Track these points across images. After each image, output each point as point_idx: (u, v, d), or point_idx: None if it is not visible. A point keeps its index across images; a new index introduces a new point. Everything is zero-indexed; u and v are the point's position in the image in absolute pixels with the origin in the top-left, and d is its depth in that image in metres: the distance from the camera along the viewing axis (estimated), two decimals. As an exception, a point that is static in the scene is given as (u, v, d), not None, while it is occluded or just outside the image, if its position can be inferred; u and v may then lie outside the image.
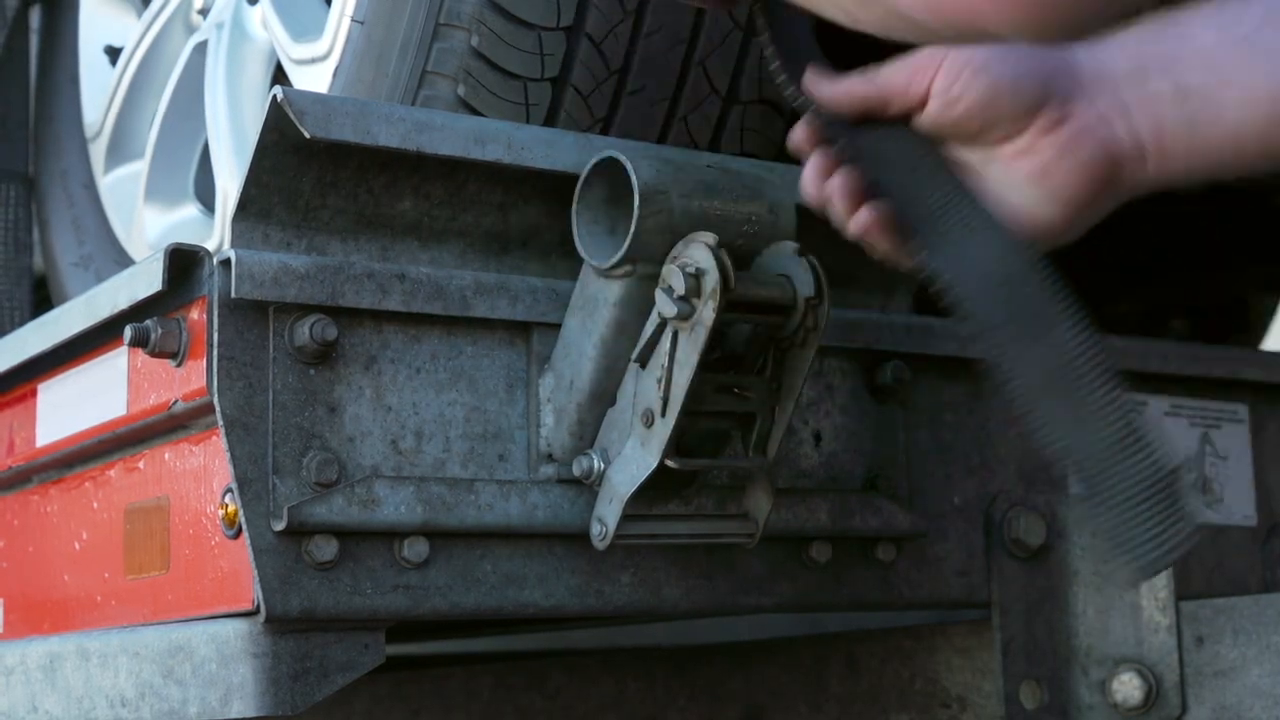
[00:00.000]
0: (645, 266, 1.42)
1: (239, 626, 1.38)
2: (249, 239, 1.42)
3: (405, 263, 1.48)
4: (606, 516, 1.45)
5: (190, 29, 2.19)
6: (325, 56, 1.76)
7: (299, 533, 1.37)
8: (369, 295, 1.41)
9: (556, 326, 1.50)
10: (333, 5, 1.76)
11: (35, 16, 2.49)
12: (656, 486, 1.45)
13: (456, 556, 1.45)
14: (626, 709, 2.05)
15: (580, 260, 1.46)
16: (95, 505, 1.66)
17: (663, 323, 1.42)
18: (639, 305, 1.44)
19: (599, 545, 1.45)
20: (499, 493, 1.46)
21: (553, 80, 1.63)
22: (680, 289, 1.38)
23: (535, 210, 1.53)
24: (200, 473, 1.47)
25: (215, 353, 1.36)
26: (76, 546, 1.69)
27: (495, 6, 1.58)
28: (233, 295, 1.35)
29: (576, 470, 1.48)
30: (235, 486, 1.36)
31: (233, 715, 1.39)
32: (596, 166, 1.46)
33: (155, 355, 1.43)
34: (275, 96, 1.36)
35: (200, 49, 2.11)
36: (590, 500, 1.49)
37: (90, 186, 2.31)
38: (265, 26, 1.96)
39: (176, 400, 1.44)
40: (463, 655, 2.67)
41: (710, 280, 1.38)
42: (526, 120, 1.63)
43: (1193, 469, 2.01)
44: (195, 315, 1.41)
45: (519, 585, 1.48)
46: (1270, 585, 2.02)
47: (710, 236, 1.40)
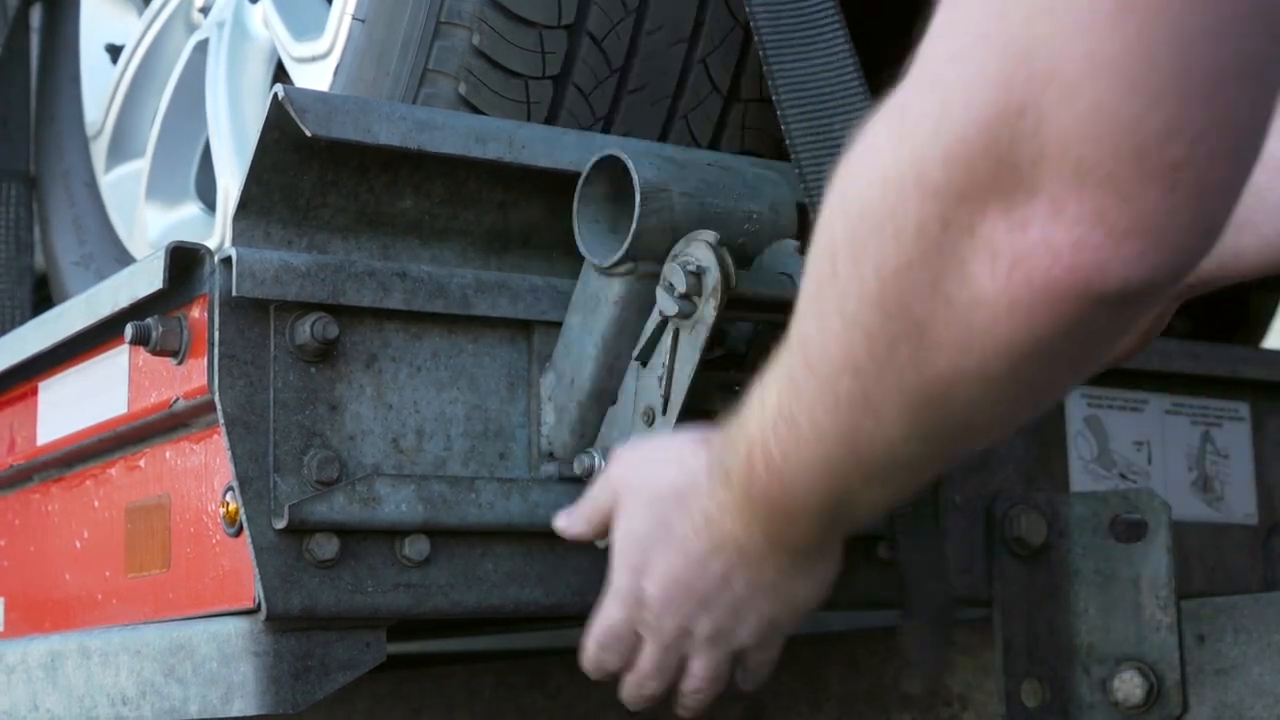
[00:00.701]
0: (646, 265, 1.42)
1: (240, 625, 1.38)
2: (250, 237, 1.42)
3: (406, 261, 1.48)
4: None
5: (191, 27, 2.19)
6: (326, 55, 1.76)
7: (300, 531, 1.37)
8: (370, 293, 1.41)
9: (557, 325, 1.50)
10: (334, 3, 1.76)
11: (36, 15, 2.49)
12: None
13: (458, 555, 1.45)
14: (627, 708, 2.05)
15: (581, 258, 1.46)
16: (96, 504, 1.66)
17: (664, 321, 1.42)
18: (640, 303, 1.44)
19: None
20: (500, 491, 1.46)
21: (554, 78, 1.63)
22: (681, 287, 1.38)
23: (536, 209, 1.53)
24: (201, 471, 1.47)
25: (216, 351, 1.36)
26: (77, 545, 1.69)
27: (496, 5, 1.58)
28: (234, 293, 1.35)
29: (577, 468, 1.48)
30: (236, 485, 1.36)
31: (234, 714, 1.39)
32: (598, 165, 1.46)
33: (156, 353, 1.43)
34: (276, 95, 1.36)
35: (201, 47, 2.11)
36: (591, 498, 1.49)
37: (91, 185, 2.31)
38: (266, 25, 1.96)
39: (177, 398, 1.44)
40: (464, 654, 2.67)
41: (711, 278, 1.38)
42: (528, 118, 1.63)
43: (1194, 468, 2.01)
44: (196, 313, 1.41)
45: (520, 583, 1.48)
46: (1271, 584, 2.02)
47: (711, 234, 1.40)
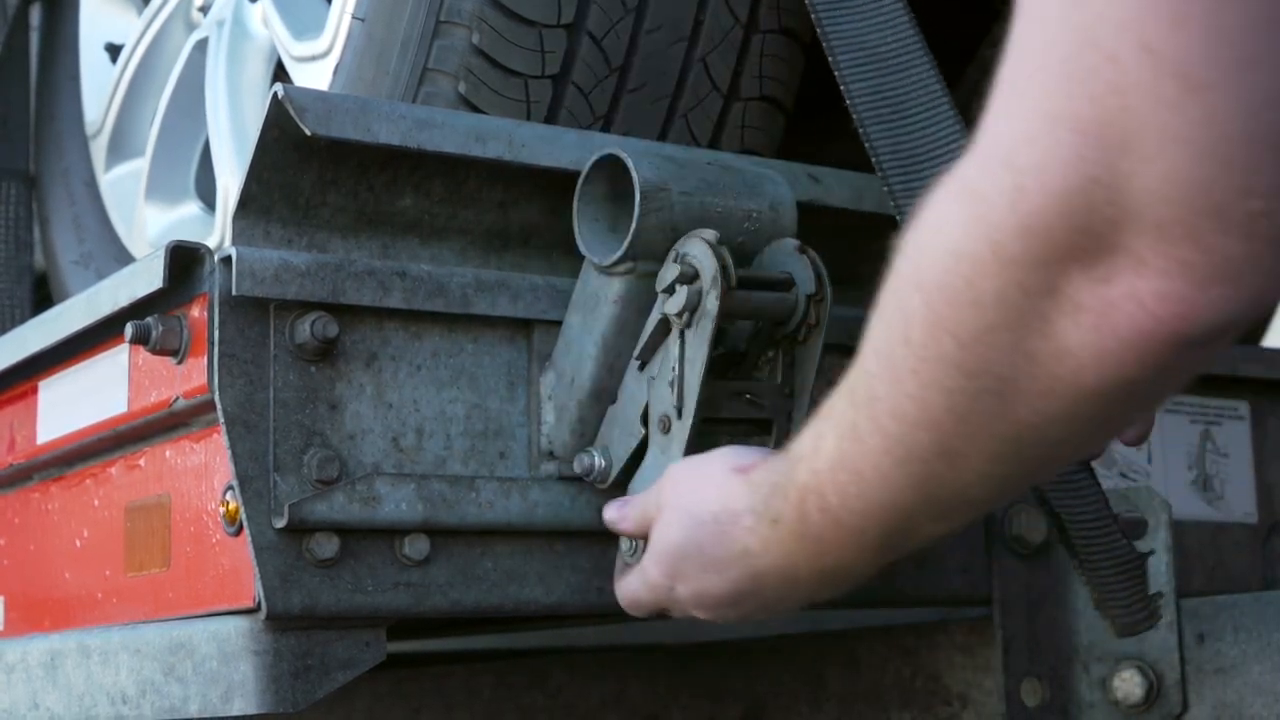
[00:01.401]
0: (646, 264, 1.42)
1: (240, 624, 1.38)
2: (250, 236, 1.42)
3: (406, 260, 1.48)
4: None
5: (191, 26, 2.18)
6: (326, 54, 1.76)
7: (300, 530, 1.37)
8: (370, 293, 1.41)
9: (557, 324, 1.50)
10: (333, 2, 1.76)
11: (36, 14, 2.49)
12: None
13: (457, 554, 1.45)
14: (628, 707, 2.05)
15: (581, 258, 1.46)
16: (96, 503, 1.66)
17: (664, 320, 1.42)
18: (640, 302, 1.44)
19: (631, 560, 1.44)
20: (500, 490, 1.46)
21: (554, 77, 1.63)
22: (681, 287, 1.38)
23: (536, 208, 1.53)
24: (201, 470, 1.47)
25: (216, 350, 1.36)
26: (77, 544, 1.69)
27: (496, 4, 1.58)
28: (234, 292, 1.35)
29: (577, 468, 1.48)
30: (236, 484, 1.36)
31: (234, 712, 1.39)
32: (597, 164, 1.46)
33: (156, 353, 1.43)
34: (276, 94, 1.36)
35: (201, 46, 2.11)
36: (592, 498, 1.49)
37: (91, 184, 2.31)
38: (266, 24, 1.96)
39: (177, 398, 1.44)
40: (464, 653, 2.67)
41: (711, 278, 1.38)
42: (527, 118, 1.63)
43: (1193, 466, 2.01)
44: (196, 313, 1.41)
45: (520, 583, 1.48)
46: (1271, 583, 2.02)
47: (711, 234, 1.40)
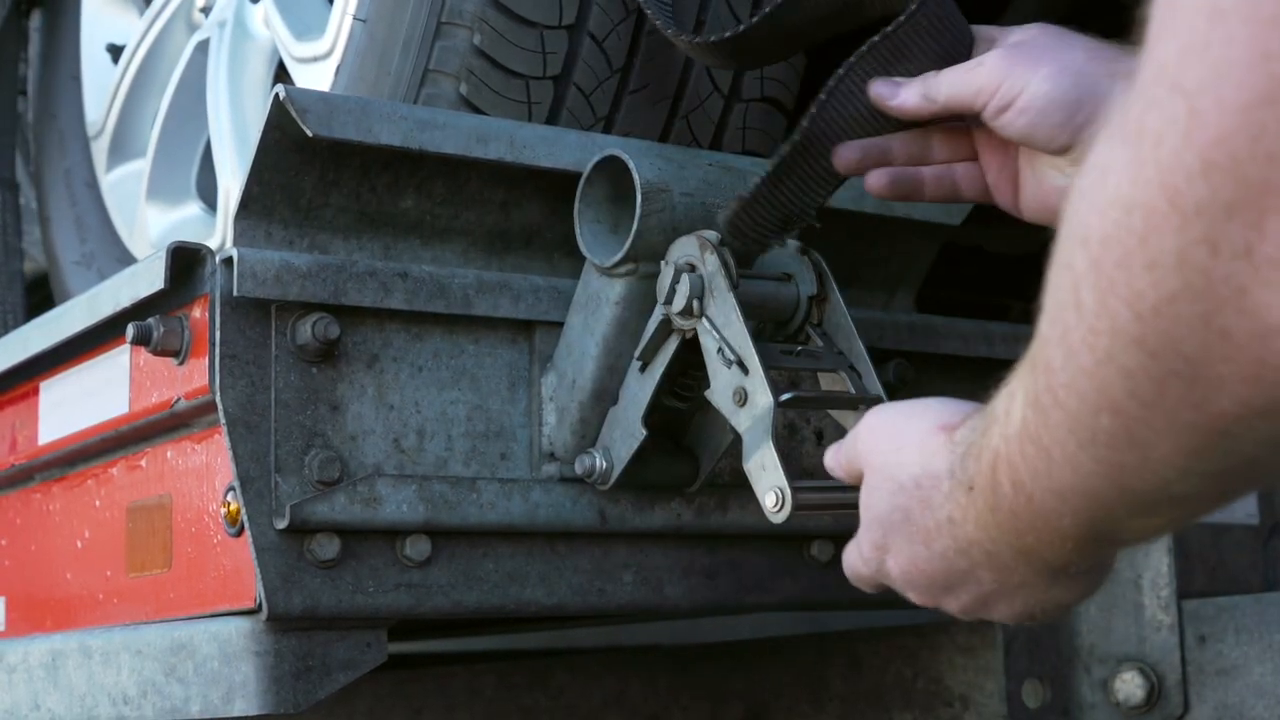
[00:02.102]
0: (647, 265, 1.42)
1: (241, 625, 1.38)
2: (251, 237, 1.42)
3: (407, 261, 1.48)
4: (779, 483, 1.35)
5: (192, 27, 2.19)
6: (327, 55, 1.76)
7: (301, 531, 1.37)
8: (371, 294, 1.41)
9: (559, 325, 1.50)
10: (335, 3, 1.76)
11: (37, 16, 2.49)
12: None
13: (459, 555, 1.45)
14: (629, 707, 2.05)
15: (582, 259, 1.46)
16: (97, 503, 1.66)
17: (665, 320, 1.42)
18: (641, 303, 1.44)
19: (778, 517, 1.36)
20: (501, 491, 1.46)
21: (555, 78, 1.63)
22: (683, 287, 1.38)
23: (537, 209, 1.53)
24: (202, 471, 1.47)
25: (217, 351, 1.36)
26: (79, 545, 1.69)
27: (498, 5, 1.58)
28: (235, 293, 1.35)
29: (579, 469, 1.48)
30: (237, 485, 1.36)
31: (235, 713, 1.39)
32: (599, 165, 1.46)
33: (157, 353, 1.43)
34: (278, 95, 1.36)
35: (202, 47, 2.11)
36: (593, 499, 1.50)
37: (93, 185, 2.31)
38: (267, 25, 1.96)
39: (179, 398, 1.44)
40: (465, 654, 2.67)
41: (712, 278, 1.38)
42: (529, 119, 1.63)
43: None
44: (197, 313, 1.41)
45: (521, 584, 1.48)
46: (1272, 584, 2.02)
47: (714, 235, 1.40)
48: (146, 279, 1.44)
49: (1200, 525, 1.99)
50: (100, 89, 2.32)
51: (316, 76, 1.77)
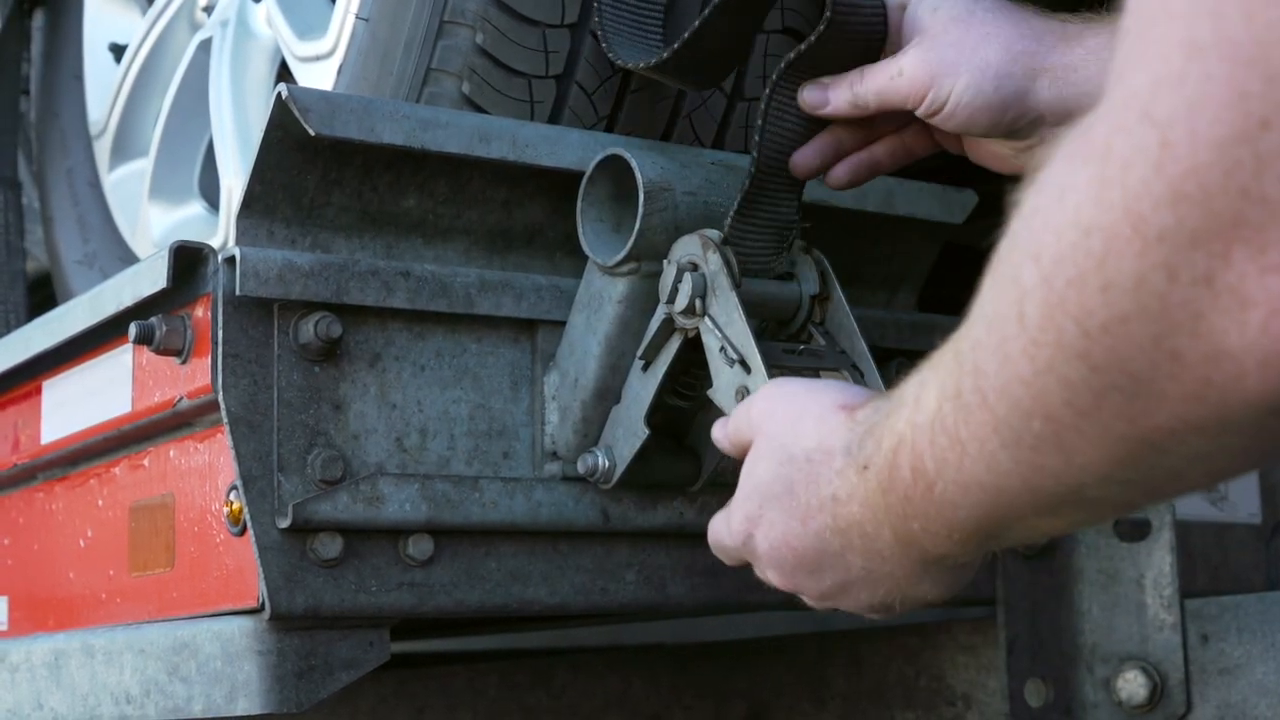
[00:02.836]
0: (649, 264, 1.42)
1: (244, 624, 1.38)
2: (253, 236, 1.42)
3: (410, 260, 1.48)
4: None
5: (195, 26, 2.19)
6: (330, 54, 1.76)
7: (304, 530, 1.37)
8: (373, 293, 1.41)
9: (561, 324, 1.50)
10: (337, 3, 1.76)
11: (40, 16, 2.49)
12: None
13: (461, 554, 1.45)
14: (631, 706, 2.05)
15: (585, 258, 1.46)
16: (100, 503, 1.66)
17: (668, 319, 1.42)
18: (644, 303, 1.44)
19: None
20: (503, 490, 1.46)
21: (557, 77, 1.63)
22: (685, 286, 1.38)
23: (539, 208, 1.53)
24: (205, 470, 1.47)
25: (220, 350, 1.36)
26: (81, 544, 1.69)
27: (500, 4, 1.58)
28: (237, 293, 1.35)
29: (581, 468, 1.48)
30: (240, 484, 1.36)
31: (238, 712, 1.39)
32: (601, 164, 1.46)
33: (160, 353, 1.43)
34: (280, 94, 1.36)
35: (205, 46, 2.11)
36: (595, 498, 1.50)
37: (95, 184, 2.31)
38: (270, 24, 1.96)
39: (181, 398, 1.44)
40: (468, 653, 2.67)
41: (715, 277, 1.38)
42: (531, 117, 1.63)
43: None
44: (200, 313, 1.41)
45: (523, 583, 1.48)
46: (1275, 583, 2.02)
47: (716, 233, 1.40)
48: (149, 278, 1.44)
49: (1203, 524, 1.99)
50: (103, 88, 2.32)
51: (319, 76, 1.77)
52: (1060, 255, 0.82)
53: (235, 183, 1.96)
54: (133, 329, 1.43)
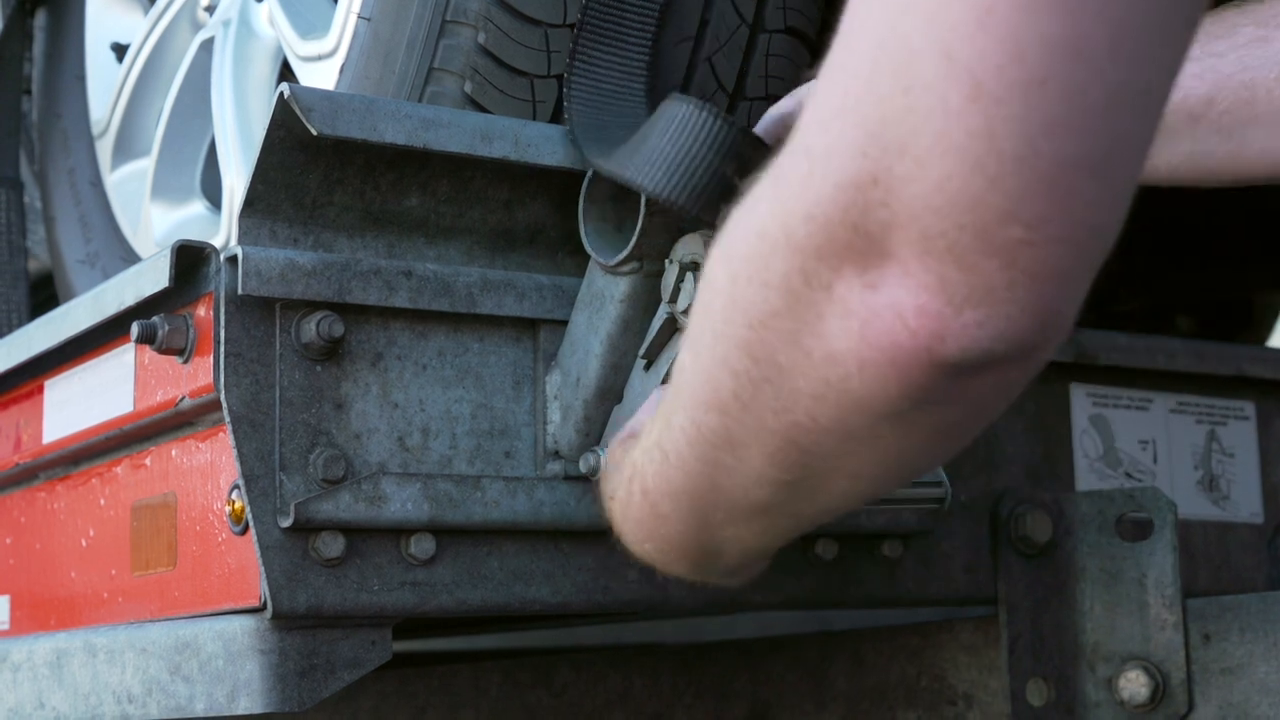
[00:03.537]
0: (652, 263, 1.42)
1: (246, 623, 1.39)
2: (255, 236, 1.42)
3: (412, 259, 1.48)
4: None
5: (197, 26, 2.19)
6: (332, 53, 1.76)
7: (306, 529, 1.37)
8: (376, 292, 1.41)
9: (563, 323, 1.50)
10: (339, 2, 1.76)
11: (42, 15, 2.50)
12: None
13: (463, 553, 1.45)
14: (633, 706, 2.05)
15: (587, 257, 1.46)
16: (102, 502, 1.66)
17: (670, 319, 1.42)
18: (646, 302, 1.44)
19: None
20: (506, 489, 1.46)
21: (559, 77, 1.63)
22: (688, 285, 1.38)
23: (542, 207, 1.53)
24: (207, 469, 1.47)
25: (222, 349, 1.36)
26: (83, 543, 1.69)
27: (502, 3, 1.58)
28: (239, 292, 1.35)
29: (583, 467, 1.48)
30: (242, 483, 1.36)
31: (240, 711, 1.39)
32: (603, 163, 1.45)
33: (162, 352, 1.43)
34: (282, 93, 1.36)
35: (207, 46, 2.11)
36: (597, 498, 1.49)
37: (97, 183, 2.31)
38: (272, 23, 1.96)
39: (183, 397, 1.44)
40: (469, 652, 2.67)
41: None
42: (533, 117, 1.63)
43: (1199, 466, 2.01)
44: (202, 312, 1.41)
45: (526, 582, 1.48)
46: (1277, 582, 2.02)
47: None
48: (151, 277, 1.44)
49: (1204, 524, 1.99)
50: (105, 88, 2.32)
51: (321, 75, 1.78)
52: (743, 255, 0.98)
53: (237, 182, 1.96)
54: (135, 328, 1.43)
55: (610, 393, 1.47)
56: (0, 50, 2.44)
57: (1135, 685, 1.58)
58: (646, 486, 1.18)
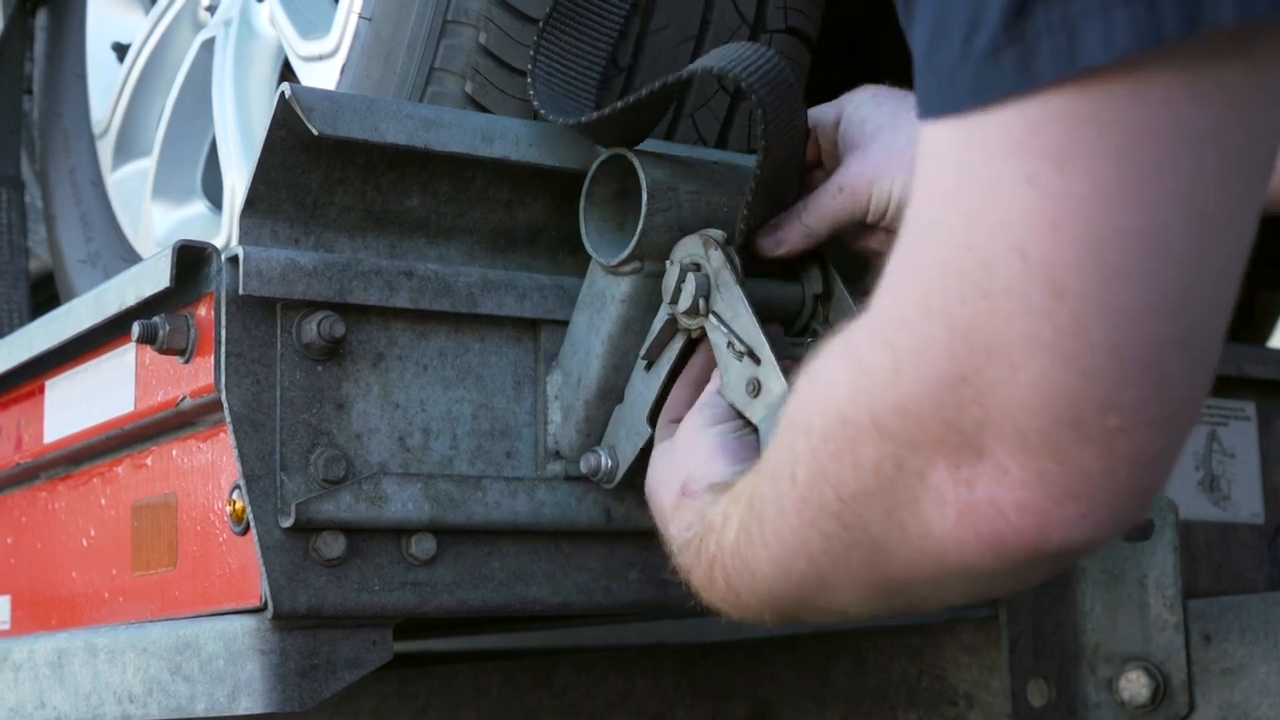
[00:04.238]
0: (653, 263, 1.42)
1: (247, 623, 1.38)
2: (257, 236, 1.42)
3: (413, 259, 1.48)
4: None
5: (198, 26, 2.19)
6: (333, 53, 1.76)
7: (307, 529, 1.37)
8: (376, 292, 1.41)
9: (564, 324, 1.50)
10: (340, 2, 1.76)
11: (43, 15, 2.50)
12: None
13: (464, 553, 1.45)
14: (634, 706, 2.05)
15: (587, 257, 1.46)
16: (103, 502, 1.66)
17: (671, 319, 1.42)
18: (647, 302, 1.44)
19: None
20: (506, 490, 1.46)
21: (560, 77, 1.63)
22: (688, 286, 1.38)
23: (542, 207, 1.53)
24: (208, 469, 1.47)
25: (223, 349, 1.36)
26: (84, 543, 1.69)
27: (503, 3, 1.58)
28: (240, 292, 1.35)
29: (584, 467, 1.48)
30: (243, 483, 1.36)
31: (240, 712, 1.39)
32: (604, 164, 1.46)
33: (163, 352, 1.43)
34: (283, 93, 1.36)
35: (208, 46, 2.11)
36: (598, 498, 1.50)
37: (98, 183, 2.31)
38: (273, 23, 1.96)
39: (184, 397, 1.44)
40: (470, 653, 2.67)
41: (717, 276, 1.38)
42: (534, 117, 1.63)
43: (1200, 467, 2.01)
44: (203, 312, 1.41)
45: (526, 582, 1.48)
46: (1277, 583, 2.02)
47: (718, 233, 1.40)
48: (152, 277, 1.44)
49: (1205, 525, 1.99)
50: (105, 87, 2.32)
51: (322, 75, 1.78)
52: (825, 433, 1.00)
53: (238, 182, 1.96)
54: (136, 328, 1.43)
55: (611, 393, 1.47)
56: (1, 49, 2.44)
57: (1136, 686, 1.58)
58: (731, 581, 1.22)
